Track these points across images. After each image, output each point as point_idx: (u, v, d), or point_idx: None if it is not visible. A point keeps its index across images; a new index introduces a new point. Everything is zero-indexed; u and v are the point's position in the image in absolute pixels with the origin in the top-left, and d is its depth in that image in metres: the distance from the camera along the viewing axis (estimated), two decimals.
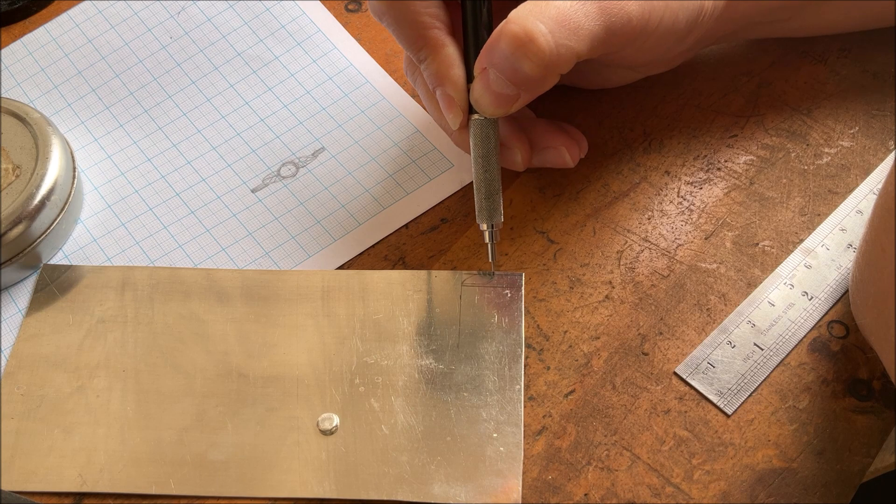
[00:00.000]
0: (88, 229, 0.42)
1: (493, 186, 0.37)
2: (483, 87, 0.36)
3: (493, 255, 0.38)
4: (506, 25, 0.34)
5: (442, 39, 0.37)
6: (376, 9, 0.38)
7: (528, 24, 0.34)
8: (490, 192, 0.37)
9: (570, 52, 0.35)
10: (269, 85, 0.47)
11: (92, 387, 0.37)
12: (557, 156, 0.40)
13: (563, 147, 0.40)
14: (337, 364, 0.37)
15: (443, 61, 0.37)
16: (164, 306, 0.39)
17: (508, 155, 0.40)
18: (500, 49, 0.35)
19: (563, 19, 0.34)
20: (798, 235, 0.40)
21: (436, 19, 0.37)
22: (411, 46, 0.37)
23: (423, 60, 0.37)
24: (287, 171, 0.44)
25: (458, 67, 0.37)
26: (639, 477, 0.34)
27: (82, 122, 0.46)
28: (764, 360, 0.36)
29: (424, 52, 0.37)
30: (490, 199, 0.37)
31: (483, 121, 0.37)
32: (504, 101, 0.36)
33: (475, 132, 0.37)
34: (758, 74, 0.45)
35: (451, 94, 0.37)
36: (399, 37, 0.38)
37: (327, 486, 0.34)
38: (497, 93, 0.35)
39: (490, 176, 0.37)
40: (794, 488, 0.33)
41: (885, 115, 0.43)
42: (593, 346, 0.37)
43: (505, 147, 0.39)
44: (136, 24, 0.49)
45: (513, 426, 0.35)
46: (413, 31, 0.37)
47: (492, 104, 0.36)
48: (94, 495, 0.35)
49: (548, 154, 0.40)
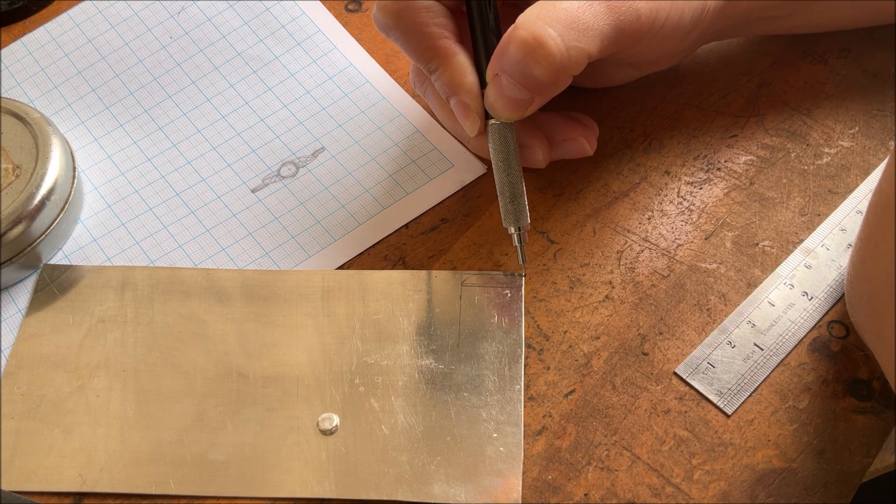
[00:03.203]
0: (88, 229, 0.42)
1: (517, 189, 0.37)
2: (497, 93, 0.36)
3: (522, 256, 0.38)
4: (514, 31, 0.34)
5: (452, 48, 0.37)
6: (383, 24, 0.38)
7: (536, 29, 0.34)
8: (514, 194, 0.37)
9: (581, 53, 0.35)
10: (269, 85, 0.47)
11: (92, 387, 0.37)
12: (576, 146, 0.40)
13: (581, 137, 0.40)
14: (337, 364, 0.37)
15: (455, 70, 0.37)
16: (164, 306, 0.39)
17: (529, 154, 0.40)
18: (510, 55, 0.34)
19: (571, 21, 0.34)
20: (798, 235, 0.40)
21: (444, 29, 0.37)
22: (421, 58, 0.37)
23: (434, 71, 0.37)
24: (287, 171, 0.44)
25: (470, 75, 0.37)
26: (639, 477, 0.34)
27: (82, 122, 0.46)
28: (764, 360, 0.36)
29: (435, 63, 0.37)
30: (515, 201, 0.37)
31: (501, 125, 0.37)
32: (518, 105, 0.36)
33: (494, 137, 0.37)
34: (758, 74, 0.45)
35: (466, 101, 0.37)
36: (408, 50, 0.38)
37: (327, 486, 0.34)
38: (511, 98, 0.35)
39: (513, 179, 0.37)
40: (794, 488, 0.33)
41: (885, 115, 0.43)
42: (593, 346, 0.37)
43: (524, 147, 0.39)
44: (136, 24, 0.49)
45: (513, 426, 0.35)
46: (422, 42, 0.37)
47: (507, 109, 0.36)
48: (94, 495, 0.35)
49: (567, 146, 0.41)
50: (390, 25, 0.37)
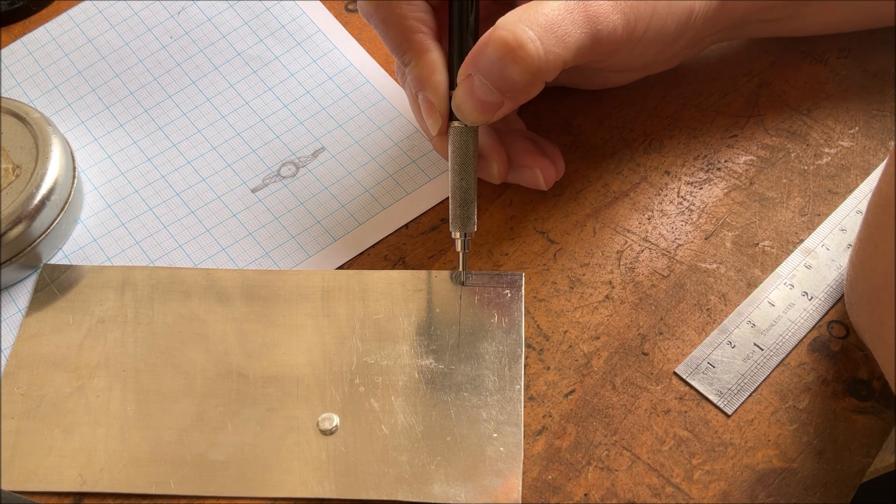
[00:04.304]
0: (88, 229, 0.42)
1: (469, 195, 0.37)
2: (466, 94, 0.35)
3: (463, 264, 0.38)
4: (494, 32, 0.34)
5: (426, 44, 0.37)
6: (364, 9, 0.38)
7: (517, 31, 0.34)
8: (465, 200, 0.37)
9: (558, 59, 0.35)
10: (269, 85, 0.47)
11: (92, 387, 0.37)
12: (532, 177, 0.40)
13: (538, 169, 0.40)
14: (337, 364, 0.37)
15: (425, 66, 0.37)
16: (164, 306, 0.39)
17: (485, 166, 0.40)
18: (487, 55, 0.34)
19: (551, 27, 0.34)
20: (798, 235, 0.40)
21: (422, 23, 0.37)
22: (396, 49, 0.38)
23: (407, 64, 0.37)
24: (287, 171, 0.44)
25: (440, 73, 0.37)
26: (639, 477, 0.34)
27: (82, 122, 0.46)
28: (764, 360, 0.36)
29: (408, 56, 0.37)
30: (464, 207, 0.37)
31: (463, 128, 0.37)
32: (487, 108, 0.36)
33: (454, 139, 0.37)
34: (758, 74, 0.45)
35: (431, 99, 0.37)
36: (385, 39, 0.38)
37: (327, 486, 0.34)
38: (481, 100, 0.35)
39: (466, 184, 0.37)
40: (794, 488, 0.33)
41: (885, 115, 0.43)
42: (593, 346, 0.37)
43: (483, 158, 0.39)
44: (136, 24, 0.49)
45: (513, 426, 0.35)
46: (398, 34, 0.37)
47: (474, 111, 0.36)
48: (94, 495, 0.35)
49: (523, 173, 0.40)
50: (371, 13, 0.37)
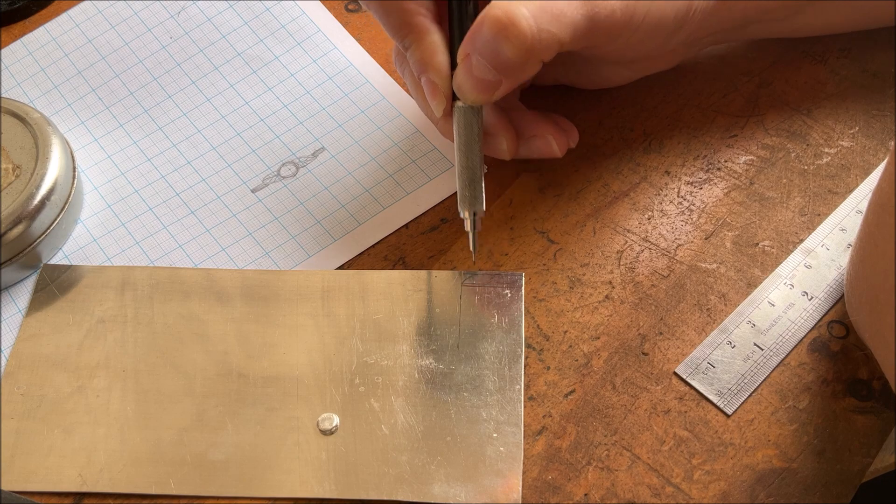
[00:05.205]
0: (88, 229, 0.42)
1: (476, 174, 0.37)
2: (465, 74, 0.36)
3: (474, 244, 0.38)
4: (489, 10, 0.35)
5: (427, 26, 0.37)
6: None
7: (510, 8, 0.34)
8: (472, 179, 0.37)
9: (552, 37, 0.35)
10: (269, 85, 0.47)
11: (92, 387, 0.37)
12: (544, 145, 0.40)
13: (549, 136, 0.40)
14: (337, 364, 0.37)
15: (427, 48, 0.37)
16: (164, 306, 0.39)
17: (494, 143, 0.39)
18: (482, 33, 0.35)
19: (546, 5, 0.35)
20: (798, 235, 0.40)
21: (421, 6, 0.37)
22: (396, 33, 0.37)
23: (408, 48, 0.37)
24: (287, 171, 0.44)
25: (442, 54, 0.37)
26: (639, 477, 0.34)
27: (82, 122, 0.46)
28: (764, 360, 0.36)
29: (409, 39, 0.37)
30: (472, 186, 0.37)
31: (466, 108, 0.37)
32: (486, 87, 0.36)
33: (458, 120, 0.37)
34: (758, 74, 0.45)
35: (434, 80, 0.37)
36: (384, 23, 0.38)
37: (327, 486, 0.34)
38: (479, 79, 0.35)
39: (472, 163, 0.37)
40: (794, 488, 0.33)
41: (885, 115, 0.43)
42: (593, 346, 0.37)
43: (491, 135, 0.39)
44: (136, 24, 0.49)
45: (513, 426, 0.35)
46: (398, 17, 0.37)
47: (473, 90, 0.36)
48: (94, 495, 0.35)
49: (534, 143, 0.40)
50: None
